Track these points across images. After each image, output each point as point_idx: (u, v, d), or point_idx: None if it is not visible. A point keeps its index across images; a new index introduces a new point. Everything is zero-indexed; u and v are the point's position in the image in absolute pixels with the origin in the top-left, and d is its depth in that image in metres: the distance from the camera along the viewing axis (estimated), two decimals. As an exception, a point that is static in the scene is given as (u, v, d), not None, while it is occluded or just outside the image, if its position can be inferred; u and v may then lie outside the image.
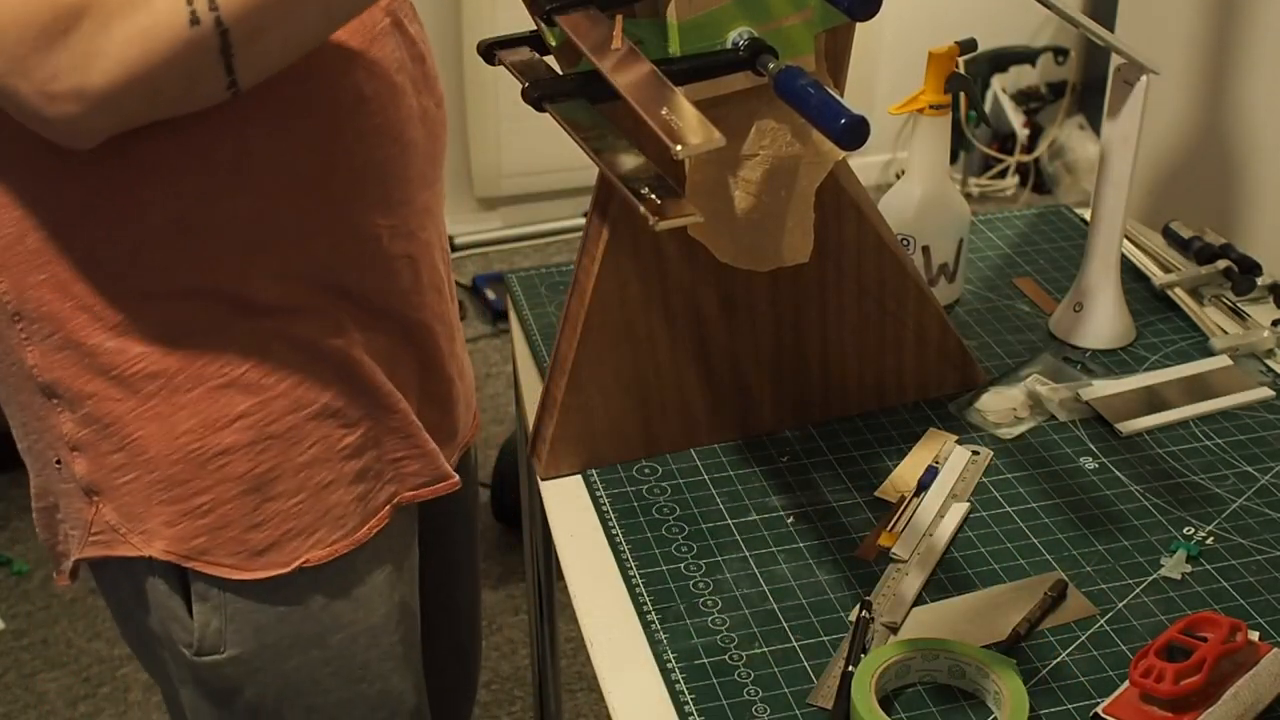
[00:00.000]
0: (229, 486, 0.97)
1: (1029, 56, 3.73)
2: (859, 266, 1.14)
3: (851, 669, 0.92)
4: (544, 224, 3.58)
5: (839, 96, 0.85)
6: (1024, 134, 3.74)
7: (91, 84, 0.79)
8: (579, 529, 1.09)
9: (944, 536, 1.06)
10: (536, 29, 0.98)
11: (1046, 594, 1.00)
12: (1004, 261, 1.47)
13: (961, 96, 1.32)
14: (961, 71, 1.28)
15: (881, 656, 0.92)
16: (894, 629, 0.98)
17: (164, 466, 0.96)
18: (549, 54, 1.00)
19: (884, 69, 3.54)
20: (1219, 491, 1.12)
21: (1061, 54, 3.72)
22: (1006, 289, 1.42)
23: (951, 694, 0.93)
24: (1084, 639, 0.97)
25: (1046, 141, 3.79)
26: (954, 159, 3.69)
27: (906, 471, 1.14)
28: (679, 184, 0.95)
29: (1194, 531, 1.07)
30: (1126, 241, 1.43)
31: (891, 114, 1.34)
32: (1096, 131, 3.66)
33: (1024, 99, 3.79)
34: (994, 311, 1.38)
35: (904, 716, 0.91)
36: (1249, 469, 1.14)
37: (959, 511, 1.09)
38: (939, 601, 1.01)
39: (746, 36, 0.94)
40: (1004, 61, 3.72)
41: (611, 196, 1.06)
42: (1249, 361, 1.28)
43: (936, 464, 1.14)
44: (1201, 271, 1.39)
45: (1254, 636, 0.94)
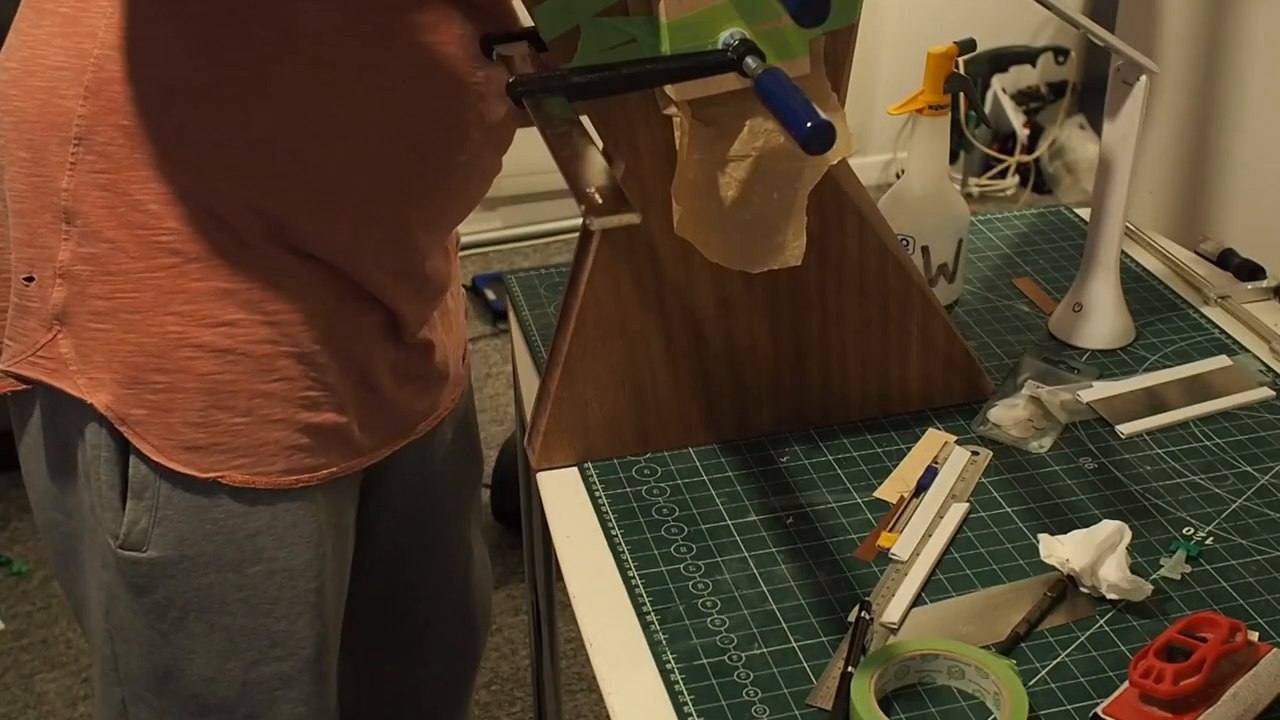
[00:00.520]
0: (187, 378, 1.00)
1: (1029, 56, 3.73)
2: (860, 270, 1.14)
3: (851, 669, 0.92)
4: (544, 224, 3.58)
5: (812, 102, 0.85)
6: (1024, 134, 3.74)
7: None
8: (577, 528, 1.09)
9: (943, 537, 1.06)
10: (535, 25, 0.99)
11: (1046, 594, 1.00)
12: (1004, 262, 1.47)
13: (961, 97, 1.32)
14: (961, 72, 1.28)
15: (881, 657, 0.92)
16: (893, 629, 0.98)
17: (140, 332, 0.99)
18: (546, 50, 1.00)
19: (884, 69, 3.54)
20: (1219, 492, 1.11)
21: (1061, 54, 3.72)
22: (1006, 289, 1.42)
23: (951, 694, 0.93)
24: (1083, 639, 0.97)
25: (1046, 141, 3.78)
26: (954, 159, 3.69)
27: (906, 472, 1.14)
28: (631, 196, 0.96)
29: (1193, 532, 1.07)
30: (1126, 241, 1.43)
31: (891, 114, 1.34)
32: (1097, 131, 3.66)
33: (1024, 99, 3.79)
34: (993, 312, 1.38)
35: (904, 717, 0.91)
36: (1249, 469, 1.14)
37: (959, 512, 1.09)
38: (938, 602, 1.01)
39: (738, 37, 0.94)
40: (1004, 61, 3.72)
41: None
42: (1249, 361, 1.28)
43: (936, 464, 1.14)
44: (1248, 288, 1.38)
45: (1254, 637, 0.94)
